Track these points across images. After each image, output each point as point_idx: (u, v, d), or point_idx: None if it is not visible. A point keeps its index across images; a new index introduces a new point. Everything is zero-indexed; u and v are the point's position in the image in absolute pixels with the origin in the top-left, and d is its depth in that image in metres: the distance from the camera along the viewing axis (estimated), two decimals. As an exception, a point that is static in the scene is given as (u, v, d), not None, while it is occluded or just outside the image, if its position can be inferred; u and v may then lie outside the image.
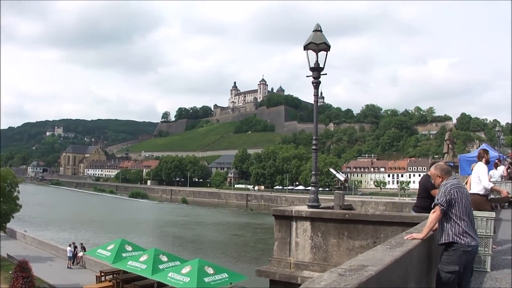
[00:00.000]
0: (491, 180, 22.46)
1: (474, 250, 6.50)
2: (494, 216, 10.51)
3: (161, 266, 21.08)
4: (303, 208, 12.54)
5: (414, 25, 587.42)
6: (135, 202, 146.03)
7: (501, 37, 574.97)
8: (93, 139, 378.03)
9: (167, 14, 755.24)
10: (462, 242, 6.20)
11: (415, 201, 12.13)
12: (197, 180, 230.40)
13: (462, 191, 6.45)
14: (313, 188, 13.22)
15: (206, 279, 18.27)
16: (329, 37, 12.90)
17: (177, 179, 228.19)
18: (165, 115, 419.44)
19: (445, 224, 6.32)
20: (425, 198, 11.02)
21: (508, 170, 33.21)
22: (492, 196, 13.60)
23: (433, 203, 6.44)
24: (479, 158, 13.69)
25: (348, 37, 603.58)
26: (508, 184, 15.74)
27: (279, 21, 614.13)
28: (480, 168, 12.98)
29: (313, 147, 13.42)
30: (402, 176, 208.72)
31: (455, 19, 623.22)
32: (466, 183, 13.64)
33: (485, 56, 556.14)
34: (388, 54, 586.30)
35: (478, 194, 12.03)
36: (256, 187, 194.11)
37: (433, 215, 6.29)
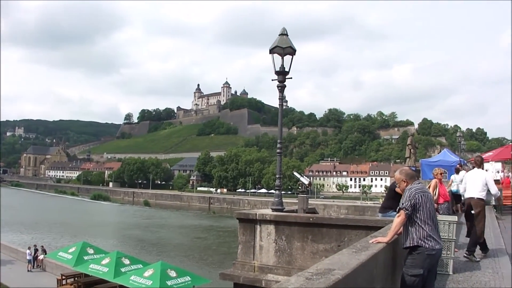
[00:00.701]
0: (453, 184, 23.02)
1: (438, 254, 6.57)
2: (456, 220, 10.72)
3: (123, 269, 20.87)
4: (267, 212, 12.55)
5: (379, 30, 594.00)
6: (97, 204, 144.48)
7: (464, 43, 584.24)
8: (54, 140, 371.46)
9: (130, 15, 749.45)
10: (427, 245, 6.25)
11: (380, 203, 12.27)
12: (159, 182, 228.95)
13: (427, 195, 6.51)
14: (277, 192, 13.26)
15: (169, 282, 18.16)
16: (293, 41, 12.96)
17: (140, 181, 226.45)
18: (128, 116, 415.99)
19: (409, 228, 6.37)
20: (390, 199, 11.17)
21: None
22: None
23: (398, 207, 6.50)
24: (477, 165, 13.00)
25: (312, 41, 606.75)
26: None
27: (244, 24, 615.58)
28: (485, 176, 12.52)
29: (277, 150, 13.49)
30: (364, 180, 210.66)
31: (419, 25, 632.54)
32: (429, 187, 13.74)
33: (448, 62, 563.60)
34: (352, 59, 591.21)
35: (481, 199, 11.92)
36: (218, 190, 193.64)
37: (398, 219, 6.35)
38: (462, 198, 17.38)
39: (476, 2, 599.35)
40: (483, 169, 13.17)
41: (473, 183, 12.20)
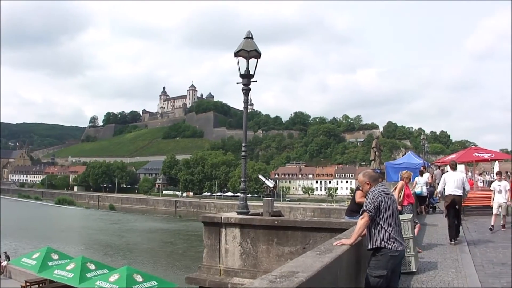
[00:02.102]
0: (417, 186, 23.32)
1: (401, 255, 6.64)
2: (411, 218, 10.98)
3: (88, 275, 20.62)
4: (233, 215, 12.55)
5: (346, 34, 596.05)
6: (62, 209, 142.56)
7: (429, 48, 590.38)
8: (18, 144, 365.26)
9: (96, 15, 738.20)
10: (390, 247, 6.31)
11: (346, 206, 12.38)
12: (125, 186, 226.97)
13: (390, 197, 6.57)
14: (242, 195, 13.25)
15: (135, 287, 18.02)
16: (261, 44, 12.98)
17: (105, 185, 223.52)
18: (93, 119, 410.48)
19: (373, 230, 6.42)
20: (353, 204, 11.26)
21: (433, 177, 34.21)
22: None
23: (362, 210, 6.54)
24: (452, 168, 15.93)
25: (279, 44, 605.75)
26: None
27: (211, 26, 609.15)
28: (462, 176, 15.66)
29: (242, 153, 13.44)
30: (329, 182, 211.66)
31: (384, 29, 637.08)
32: (395, 189, 14.04)
33: (412, 66, 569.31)
34: (319, 62, 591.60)
35: (459, 195, 14.72)
36: (184, 194, 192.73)
37: (362, 221, 6.39)
38: (440, 196, 18.71)
39: (442, 7, 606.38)
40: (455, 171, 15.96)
41: (454, 182, 14.67)
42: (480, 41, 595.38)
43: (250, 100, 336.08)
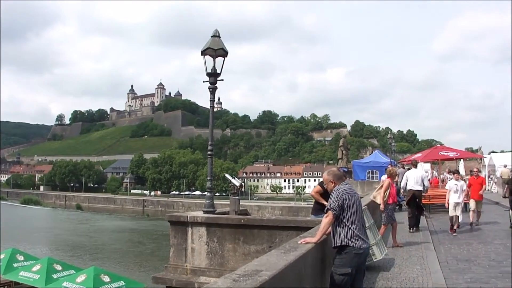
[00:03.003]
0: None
1: (366, 252, 6.68)
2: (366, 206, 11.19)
3: (55, 276, 20.36)
4: (199, 214, 12.52)
5: (315, 33, 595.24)
6: (27, 209, 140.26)
7: (397, 48, 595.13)
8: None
9: (63, 12, 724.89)
10: (354, 245, 6.34)
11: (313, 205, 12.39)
12: (92, 185, 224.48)
13: (354, 196, 6.60)
14: (208, 194, 13.22)
15: (102, 288, 17.87)
16: (230, 42, 13.00)
17: (72, 184, 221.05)
18: (60, 118, 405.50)
19: (337, 228, 6.44)
20: (319, 203, 11.29)
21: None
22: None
23: (326, 208, 6.56)
24: (414, 166, 19.22)
25: (249, 42, 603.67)
26: None
27: (179, 24, 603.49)
28: (422, 173, 18.84)
29: (209, 152, 13.40)
30: (297, 181, 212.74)
31: (353, 29, 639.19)
32: (381, 187, 14.71)
33: (380, 66, 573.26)
34: (288, 61, 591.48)
35: (419, 190, 17.44)
36: (152, 193, 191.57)
37: (326, 220, 6.41)
38: (403, 191, 20.12)
39: (410, 8, 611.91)
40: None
41: (414, 179, 17.45)
42: (447, 42, 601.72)
43: (219, 99, 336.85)
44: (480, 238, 16.14)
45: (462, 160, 46.18)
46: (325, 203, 9.73)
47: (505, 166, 38.99)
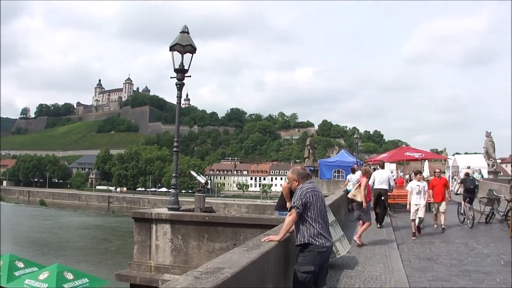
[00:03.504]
0: (349, 183, 23.80)
1: (329, 251, 6.70)
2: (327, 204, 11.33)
3: (17, 273, 20.09)
4: (163, 211, 12.47)
5: (285, 32, 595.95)
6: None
7: (365, 49, 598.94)
8: None
9: (29, 2, 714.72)
10: (317, 243, 6.37)
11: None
12: (57, 181, 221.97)
13: (318, 194, 6.62)
14: (173, 191, 13.17)
15: (66, 285, 17.62)
16: (200, 39, 13.03)
17: (36, 179, 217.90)
18: (25, 111, 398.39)
19: (301, 226, 6.46)
20: (283, 199, 11.34)
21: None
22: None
23: (290, 206, 6.58)
24: (381, 167, 20.40)
25: (218, 39, 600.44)
26: None
27: (149, 18, 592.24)
28: (388, 173, 19.78)
29: (174, 149, 13.35)
30: (264, 179, 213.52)
31: (322, 29, 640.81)
32: (359, 186, 14.99)
33: (349, 66, 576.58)
34: (257, 59, 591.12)
35: (384, 189, 18.19)
36: (118, 189, 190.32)
37: (289, 218, 6.43)
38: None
39: (381, 9, 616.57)
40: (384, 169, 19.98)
41: (380, 179, 18.23)
42: (416, 45, 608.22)
43: (187, 95, 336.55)
44: (442, 237, 16.39)
45: (427, 161, 46.68)
46: (289, 204, 9.84)
47: (468, 168, 39.60)
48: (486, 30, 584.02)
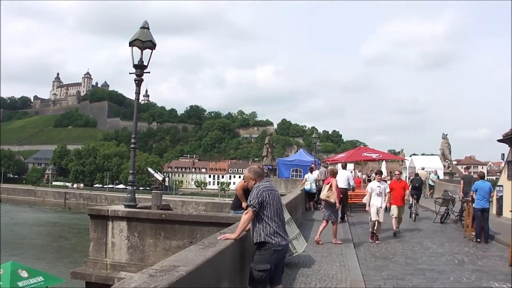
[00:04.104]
0: (306, 182, 24.04)
1: (285, 249, 6.74)
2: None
3: (-31, 271, 19.80)
4: (120, 208, 12.36)
5: (246, 30, 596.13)
6: None
7: (324, 49, 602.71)
8: None
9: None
10: (273, 242, 6.39)
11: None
12: (12, 176, 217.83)
13: (274, 193, 6.65)
14: (130, 188, 13.07)
15: (20, 283, 17.39)
16: (160, 35, 12.87)
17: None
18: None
19: (257, 224, 6.48)
20: (238, 199, 11.35)
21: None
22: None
23: (246, 205, 6.59)
24: (343, 167, 22.70)
25: (179, 35, 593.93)
26: None
27: (109, 12, 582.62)
28: (348, 174, 21.75)
29: (132, 145, 13.24)
30: (222, 177, 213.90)
31: (283, 28, 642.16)
32: (331, 186, 14.96)
33: (309, 66, 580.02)
34: (218, 56, 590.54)
35: (345, 188, 19.69)
36: (75, 185, 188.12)
37: (246, 216, 6.44)
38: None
39: (342, 11, 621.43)
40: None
41: (341, 178, 18.96)
42: (376, 46, 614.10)
43: (146, 91, 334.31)
44: (397, 237, 16.60)
45: (384, 161, 47.29)
46: (245, 203, 9.86)
47: (422, 169, 40.27)
48: (445, 34, 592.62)
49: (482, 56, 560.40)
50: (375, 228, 15.71)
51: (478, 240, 15.92)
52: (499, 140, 23.50)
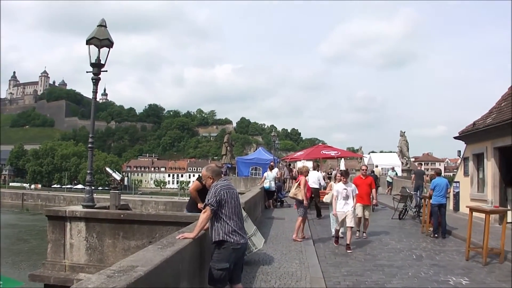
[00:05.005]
0: (266, 180, 24.10)
1: (243, 248, 6.78)
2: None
3: None
4: (78, 208, 12.22)
5: (206, 28, 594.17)
6: None
7: (283, 48, 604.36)
8: None
9: None
10: (232, 240, 6.42)
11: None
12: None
13: (232, 192, 6.69)
14: (88, 188, 12.92)
15: (-25, 287, 17.11)
16: (119, 33, 12.82)
17: None
18: None
19: (215, 223, 6.50)
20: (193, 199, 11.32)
21: (292, 173, 35.56)
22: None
23: (204, 204, 6.59)
24: (314, 168, 24.15)
25: (138, 33, 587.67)
26: None
27: (66, 9, 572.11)
28: (319, 174, 23.10)
29: (89, 145, 13.10)
30: (182, 176, 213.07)
31: (243, 26, 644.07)
32: (299, 184, 15.10)
33: (268, 65, 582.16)
34: (177, 55, 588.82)
35: (316, 188, 21.28)
36: (32, 186, 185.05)
37: (204, 215, 6.44)
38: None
39: (300, 9, 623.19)
40: (318, 171, 24.07)
41: (312, 179, 20.70)
42: (334, 45, 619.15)
43: (104, 90, 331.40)
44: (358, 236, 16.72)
45: (342, 159, 47.64)
46: (200, 205, 9.85)
47: (376, 166, 40.85)
48: (402, 34, 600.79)
49: (439, 55, 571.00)
50: (347, 236, 13.69)
51: (436, 235, 16.15)
52: (455, 137, 23.84)
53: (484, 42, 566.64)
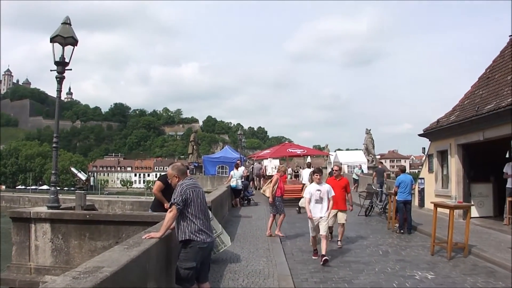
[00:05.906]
0: (232, 179, 24.11)
1: (210, 246, 6.79)
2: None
3: None
4: (43, 209, 12.10)
5: (171, 27, 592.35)
6: None
7: (249, 46, 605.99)
8: None
9: None
10: (198, 239, 6.42)
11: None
12: None
13: (198, 190, 6.69)
14: (53, 188, 12.80)
15: None
16: (83, 30, 12.65)
17: None
18: None
19: (182, 222, 6.49)
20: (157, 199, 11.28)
21: (263, 171, 35.78)
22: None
23: (170, 203, 6.57)
24: (308, 166, 27.46)
25: (103, 31, 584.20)
26: None
27: (30, 6, 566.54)
28: (307, 172, 25.58)
29: (54, 145, 12.96)
30: (148, 175, 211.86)
31: (208, 24, 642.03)
32: (271, 181, 15.58)
33: (234, 63, 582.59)
34: (142, 53, 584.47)
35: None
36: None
37: (170, 214, 6.42)
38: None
39: (266, 7, 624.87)
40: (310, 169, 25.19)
41: (306, 176, 24.33)
42: (300, 43, 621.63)
43: (69, 89, 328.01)
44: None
45: (309, 157, 47.87)
46: (167, 205, 9.81)
47: (341, 164, 41.26)
48: (367, 33, 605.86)
49: (403, 54, 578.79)
50: (322, 246, 11.55)
51: (402, 231, 16.36)
52: (420, 135, 24.11)
53: (449, 41, 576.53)
